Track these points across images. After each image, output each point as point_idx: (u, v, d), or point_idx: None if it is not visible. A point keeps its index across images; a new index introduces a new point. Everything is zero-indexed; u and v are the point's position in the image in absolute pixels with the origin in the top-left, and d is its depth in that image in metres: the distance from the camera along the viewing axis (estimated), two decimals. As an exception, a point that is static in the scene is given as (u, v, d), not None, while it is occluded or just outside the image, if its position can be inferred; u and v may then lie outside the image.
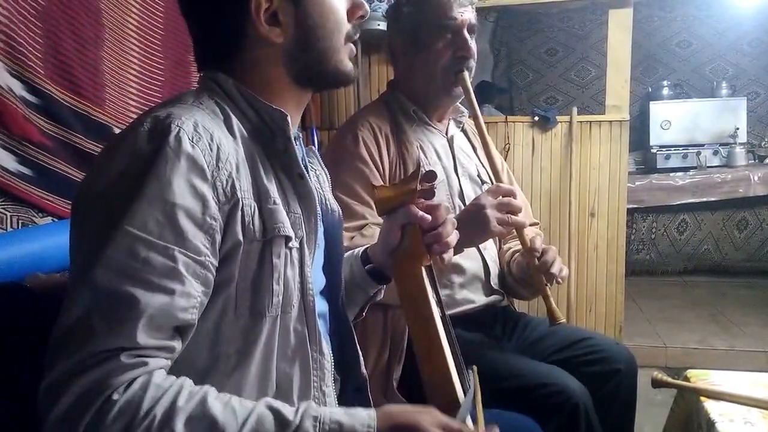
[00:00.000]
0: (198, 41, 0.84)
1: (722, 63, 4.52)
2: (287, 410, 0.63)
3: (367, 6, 0.86)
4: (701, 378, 1.16)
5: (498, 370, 1.21)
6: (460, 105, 1.52)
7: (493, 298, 1.43)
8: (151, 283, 0.63)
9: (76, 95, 1.34)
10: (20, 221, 1.22)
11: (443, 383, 0.71)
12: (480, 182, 1.48)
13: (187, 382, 0.64)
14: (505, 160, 2.45)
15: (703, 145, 3.91)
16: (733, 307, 3.35)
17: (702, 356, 2.73)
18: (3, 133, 1.18)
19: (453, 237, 0.87)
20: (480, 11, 1.48)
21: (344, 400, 0.94)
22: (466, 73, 1.38)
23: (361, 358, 0.97)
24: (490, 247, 1.46)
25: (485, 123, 1.42)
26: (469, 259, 1.40)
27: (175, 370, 0.67)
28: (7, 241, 1.10)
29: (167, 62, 1.64)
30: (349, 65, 0.85)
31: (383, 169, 1.35)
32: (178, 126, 0.69)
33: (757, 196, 3.70)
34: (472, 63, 1.40)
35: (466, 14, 1.39)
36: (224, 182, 0.71)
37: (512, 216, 1.22)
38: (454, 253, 1.29)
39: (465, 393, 0.73)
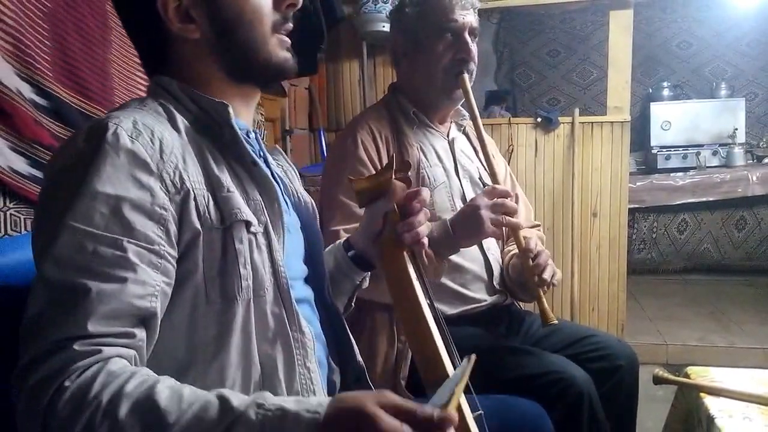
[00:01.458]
0: (136, 49, 0.86)
1: (721, 64, 4.53)
2: (236, 399, 0.61)
3: None
4: (701, 375, 1.18)
5: (503, 359, 1.24)
6: (461, 108, 1.53)
7: (496, 297, 1.45)
8: (102, 273, 0.64)
9: (85, 98, 1.35)
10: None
11: (432, 359, 0.73)
12: (481, 184, 1.50)
13: (144, 371, 0.64)
14: (509, 161, 2.47)
15: (702, 146, 3.93)
16: (733, 305, 3.37)
17: (702, 353, 2.74)
18: (14, 137, 1.19)
19: (424, 228, 0.89)
20: (483, 13, 1.50)
21: (346, 390, 0.95)
22: (466, 76, 1.39)
23: (355, 347, 0.98)
24: (493, 248, 1.48)
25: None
26: (471, 260, 1.41)
27: (155, 364, 0.68)
28: (22, 244, 1.12)
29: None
30: (281, 55, 0.84)
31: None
32: (115, 124, 0.71)
33: (756, 196, 3.72)
34: (473, 66, 1.41)
35: (468, 17, 1.40)
36: (171, 174, 0.72)
37: (507, 217, 1.24)
38: (451, 254, 1.31)
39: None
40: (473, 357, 0.67)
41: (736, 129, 3.92)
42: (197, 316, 0.74)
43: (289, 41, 0.86)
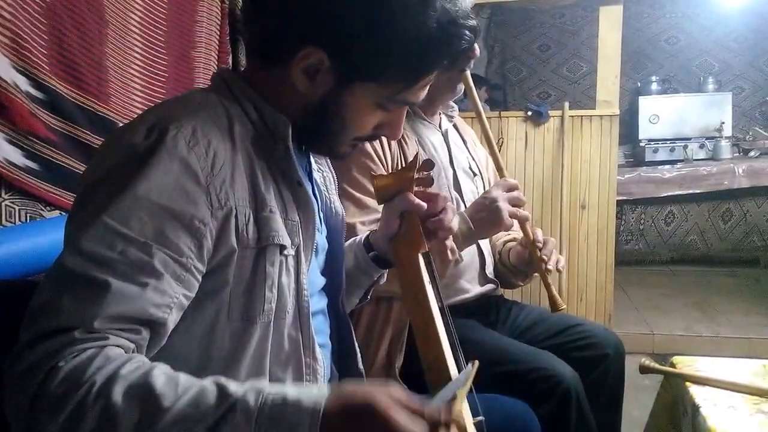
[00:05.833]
0: (257, 36, 0.81)
1: (709, 59, 4.58)
2: (234, 385, 0.61)
3: (399, 131, 0.85)
4: (687, 364, 1.20)
5: (491, 354, 1.24)
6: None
7: (487, 287, 1.47)
8: (125, 273, 0.64)
9: (81, 90, 1.35)
10: (28, 215, 1.24)
11: (438, 364, 0.73)
12: (473, 174, 1.52)
13: (140, 357, 0.63)
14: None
15: (689, 139, 3.97)
16: (718, 295, 3.42)
17: (688, 343, 2.79)
18: (10, 129, 1.19)
19: (454, 223, 0.90)
20: (474, 8, 1.51)
21: None
22: (468, 72, 1.41)
23: (359, 355, 0.99)
24: (485, 237, 1.50)
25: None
26: (464, 250, 1.43)
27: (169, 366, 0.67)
28: (16, 235, 1.12)
29: (170, 58, 1.65)
30: (343, 152, 0.85)
31: (386, 163, 1.37)
32: (176, 128, 0.70)
33: (741, 188, 3.77)
34: (472, 63, 1.44)
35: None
36: (218, 188, 0.71)
37: (520, 210, 1.28)
38: (467, 246, 1.33)
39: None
40: (476, 363, 0.68)
41: (723, 123, 3.97)
42: (216, 330, 0.74)
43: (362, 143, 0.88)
